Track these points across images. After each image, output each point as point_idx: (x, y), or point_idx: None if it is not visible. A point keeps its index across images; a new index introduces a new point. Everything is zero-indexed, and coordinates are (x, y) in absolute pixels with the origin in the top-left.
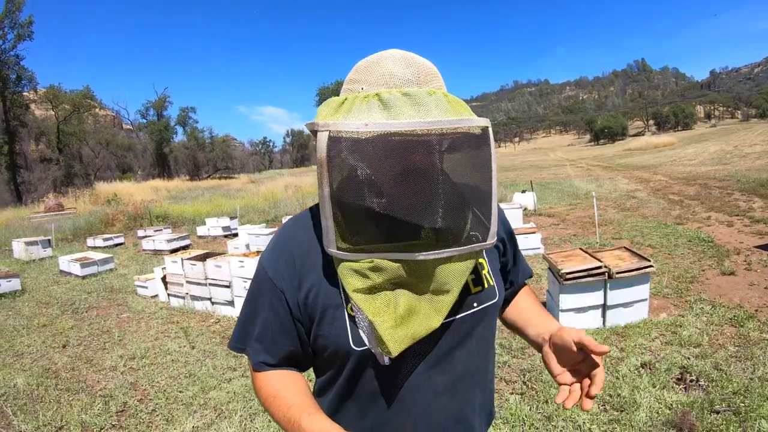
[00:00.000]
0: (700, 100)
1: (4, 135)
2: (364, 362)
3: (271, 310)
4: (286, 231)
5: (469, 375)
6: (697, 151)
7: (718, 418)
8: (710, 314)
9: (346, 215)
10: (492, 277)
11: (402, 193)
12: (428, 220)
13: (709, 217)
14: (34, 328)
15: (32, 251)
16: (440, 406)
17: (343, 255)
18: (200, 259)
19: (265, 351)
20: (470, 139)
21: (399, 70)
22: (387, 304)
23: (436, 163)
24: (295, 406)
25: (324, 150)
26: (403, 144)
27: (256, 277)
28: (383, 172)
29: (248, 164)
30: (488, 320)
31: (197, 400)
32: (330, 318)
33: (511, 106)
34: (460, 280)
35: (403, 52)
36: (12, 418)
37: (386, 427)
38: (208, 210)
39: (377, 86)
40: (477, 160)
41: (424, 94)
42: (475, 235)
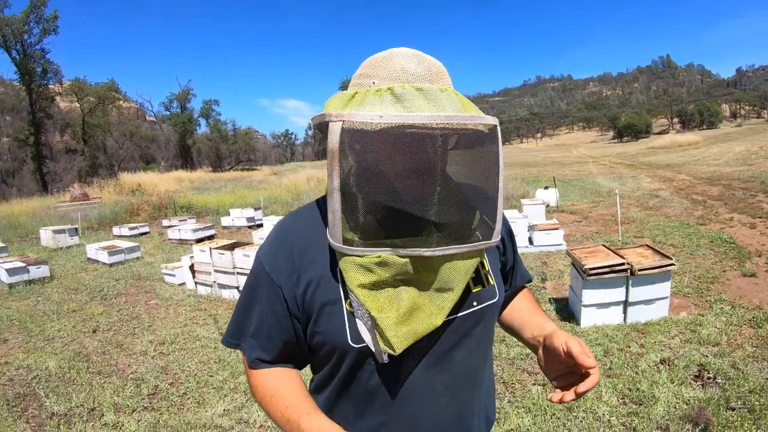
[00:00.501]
0: (726, 99)
1: (30, 127)
2: (362, 360)
3: (267, 306)
4: (286, 225)
5: (468, 375)
6: (721, 151)
7: (734, 415)
8: (729, 315)
9: (355, 209)
10: (492, 276)
11: (411, 187)
12: (436, 215)
13: (732, 219)
14: (63, 314)
15: (59, 239)
16: (439, 406)
17: (350, 249)
18: (229, 249)
19: (261, 347)
20: (480, 136)
21: (411, 66)
22: (390, 301)
23: (446, 160)
24: (293, 406)
25: (336, 141)
26: (416, 138)
27: (253, 271)
28: (394, 166)
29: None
30: (488, 320)
31: (227, 384)
32: (328, 314)
33: (534, 101)
34: (464, 279)
35: (413, 50)
36: (44, 399)
37: (384, 427)
38: (232, 201)
39: (389, 81)
40: (485, 159)
41: (436, 90)
42: (481, 232)
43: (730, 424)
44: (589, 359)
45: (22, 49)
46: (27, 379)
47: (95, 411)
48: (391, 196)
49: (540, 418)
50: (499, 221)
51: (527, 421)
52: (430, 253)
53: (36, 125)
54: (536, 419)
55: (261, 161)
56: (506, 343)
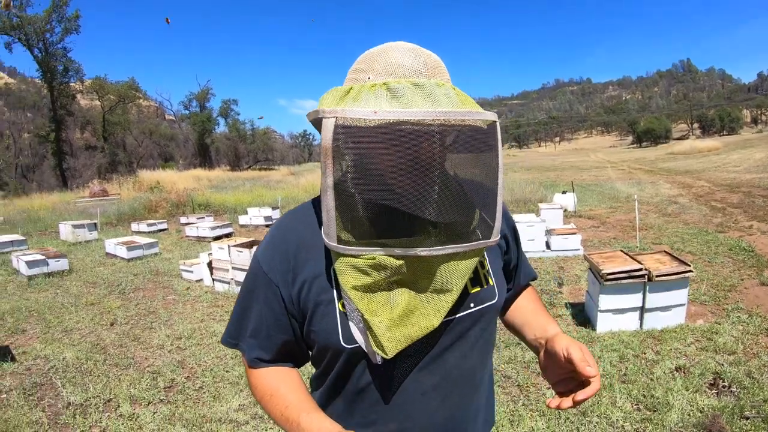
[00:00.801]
0: (747, 104)
1: (51, 123)
2: (354, 360)
3: (265, 305)
4: (283, 224)
5: (462, 378)
6: (742, 158)
7: (748, 423)
8: (746, 323)
9: (350, 207)
10: (492, 276)
11: (407, 185)
12: (433, 213)
13: (752, 226)
14: (82, 306)
15: (78, 234)
16: (430, 408)
17: (344, 249)
18: (247, 247)
19: (260, 346)
20: (479, 133)
21: (407, 61)
22: (385, 303)
23: (443, 156)
24: (293, 405)
25: (330, 138)
26: (411, 134)
27: (250, 271)
28: (389, 163)
29: (288, 156)
30: (486, 322)
31: (243, 380)
32: (321, 314)
33: (552, 105)
34: (462, 280)
35: (410, 44)
36: (61, 389)
37: (373, 426)
38: (249, 200)
39: (384, 76)
40: (484, 156)
41: (433, 86)
42: (480, 231)
43: None
44: (589, 368)
45: (44, 47)
46: (44, 369)
47: (111, 402)
48: (386, 194)
49: (554, 422)
50: (498, 220)
51: (541, 425)
52: (427, 253)
53: (57, 122)
54: (550, 423)
55: (279, 161)
56: (521, 347)
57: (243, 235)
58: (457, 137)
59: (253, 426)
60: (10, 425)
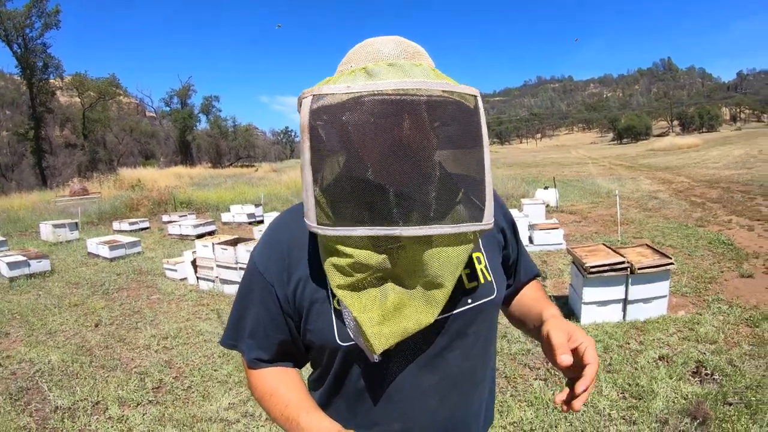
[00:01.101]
0: (726, 102)
1: (30, 121)
2: (351, 358)
3: (262, 305)
4: (278, 224)
5: (463, 376)
6: (721, 154)
7: (731, 409)
8: (727, 314)
9: (327, 185)
10: (490, 272)
11: (383, 159)
12: (411, 189)
13: (730, 221)
14: (65, 308)
15: (59, 233)
16: (430, 408)
17: (322, 230)
18: (231, 244)
19: (258, 347)
20: (459, 108)
21: (387, 49)
22: (373, 300)
23: (420, 131)
24: (293, 404)
25: (306, 115)
26: (385, 106)
27: (247, 272)
28: (364, 138)
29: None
30: (484, 319)
31: (232, 378)
32: (316, 312)
33: (534, 101)
34: (454, 272)
35: (393, 36)
36: (47, 393)
37: (375, 427)
38: (232, 197)
39: (365, 63)
40: (465, 131)
41: (410, 65)
42: (470, 215)
43: (727, 419)
44: (565, 355)
45: (23, 43)
46: (30, 373)
47: (99, 405)
48: (362, 169)
49: (542, 411)
50: (488, 201)
51: (530, 415)
52: (409, 233)
53: (36, 119)
54: (538, 413)
55: (261, 158)
56: (507, 339)
57: (226, 232)
58: (436, 112)
59: (244, 424)
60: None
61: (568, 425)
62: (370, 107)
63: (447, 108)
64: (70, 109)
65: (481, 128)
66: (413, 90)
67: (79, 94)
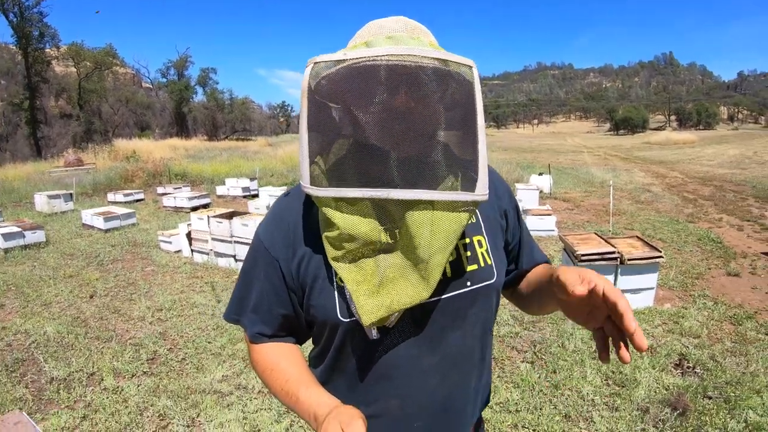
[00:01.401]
0: (725, 101)
1: (25, 91)
2: (352, 334)
3: (266, 280)
4: (283, 202)
5: (461, 357)
6: (716, 152)
7: (710, 403)
8: (711, 310)
9: (320, 147)
10: (490, 256)
11: (374, 123)
12: (401, 152)
13: (721, 219)
14: (60, 279)
15: (54, 204)
16: (429, 387)
17: (315, 190)
18: (227, 217)
19: (261, 321)
20: (450, 76)
21: (389, 25)
22: (368, 273)
23: (411, 96)
24: (293, 379)
25: (306, 80)
26: (376, 71)
27: (252, 248)
28: (356, 102)
29: (266, 127)
30: (484, 301)
31: (226, 350)
32: (319, 288)
33: (533, 87)
34: (446, 243)
35: (398, 16)
36: (43, 364)
37: (375, 405)
38: (227, 170)
39: (368, 38)
40: (457, 101)
41: (407, 37)
42: (460, 184)
43: (706, 412)
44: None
45: (19, 11)
46: (25, 345)
47: (95, 376)
48: (353, 132)
49: (528, 393)
50: (482, 173)
51: (516, 396)
52: (399, 196)
53: (31, 89)
54: (524, 394)
55: (256, 132)
56: (496, 322)
57: (221, 205)
58: (427, 79)
59: (237, 396)
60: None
61: (553, 408)
62: (362, 72)
63: (439, 76)
64: (66, 79)
65: (475, 99)
66: (405, 56)
67: (75, 64)
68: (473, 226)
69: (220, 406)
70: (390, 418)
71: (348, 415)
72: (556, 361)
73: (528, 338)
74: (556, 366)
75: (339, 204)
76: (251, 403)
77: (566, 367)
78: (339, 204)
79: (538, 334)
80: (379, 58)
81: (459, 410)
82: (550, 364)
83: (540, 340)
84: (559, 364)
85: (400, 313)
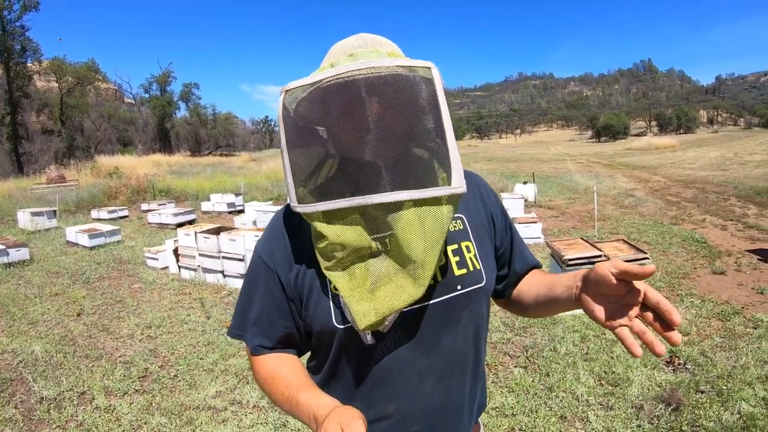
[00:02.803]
0: (704, 105)
1: (7, 106)
2: (348, 341)
3: (267, 293)
4: (279, 217)
5: (456, 360)
6: (697, 155)
7: (703, 397)
8: (699, 308)
9: (303, 167)
10: (479, 260)
11: (343, 136)
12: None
13: (704, 220)
14: (46, 297)
15: (38, 222)
16: (425, 390)
17: (303, 208)
18: (214, 233)
19: (262, 334)
20: (411, 80)
21: (351, 42)
22: (359, 279)
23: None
24: (293, 384)
25: (280, 107)
26: (339, 87)
27: (251, 264)
28: (325, 118)
29: (249, 142)
30: (474, 305)
31: (218, 366)
32: (315, 298)
33: (515, 97)
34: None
35: (359, 34)
36: (32, 384)
37: (373, 409)
38: (211, 186)
39: (333, 59)
40: (421, 101)
41: (367, 53)
42: (437, 179)
43: (700, 405)
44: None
45: (1, 25)
46: (13, 364)
47: (85, 395)
48: (331, 146)
49: (523, 397)
50: (455, 166)
51: (511, 400)
52: (379, 200)
53: (13, 104)
54: (519, 398)
55: (240, 147)
56: (489, 327)
57: (206, 221)
58: (388, 86)
59: (232, 411)
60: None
61: (548, 410)
62: (328, 91)
63: (399, 81)
64: (48, 94)
65: (438, 97)
66: (364, 69)
67: (57, 79)
68: (461, 233)
69: (215, 422)
70: (388, 422)
71: (348, 415)
72: (549, 365)
73: (520, 343)
74: (549, 369)
75: (326, 217)
76: (246, 417)
77: (559, 369)
78: (326, 217)
79: (530, 339)
80: (340, 75)
81: (456, 412)
82: (543, 368)
83: (532, 345)
84: (552, 367)
85: (393, 318)
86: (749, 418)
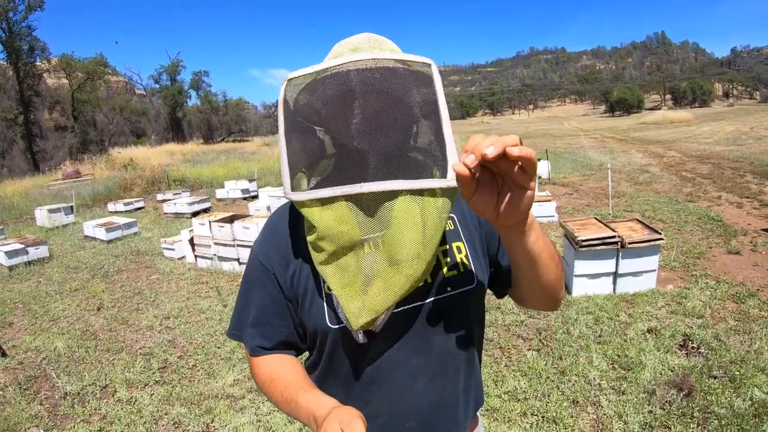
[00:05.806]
0: (719, 78)
1: (19, 106)
2: (341, 340)
3: (265, 293)
4: (276, 215)
5: (448, 359)
6: (712, 130)
7: (716, 382)
8: (714, 289)
9: (300, 155)
10: (470, 261)
11: (344, 125)
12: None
13: (720, 197)
14: (66, 293)
15: (55, 218)
16: (418, 388)
17: (295, 195)
18: (228, 221)
19: (261, 335)
20: (409, 74)
21: (354, 40)
22: (350, 274)
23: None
24: (292, 385)
25: (282, 95)
26: (339, 78)
27: (249, 265)
28: (324, 107)
29: (262, 127)
30: (465, 306)
31: (236, 355)
32: (310, 297)
33: (526, 72)
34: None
35: (364, 33)
36: (56, 380)
37: (367, 408)
38: (225, 173)
39: (336, 54)
40: (420, 95)
41: (368, 47)
42: (432, 172)
43: (712, 391)
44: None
45: (7, 27)
46: (37, 361)
47: (108, 388)
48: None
49: (535, 380)
50: (451, 162)
51: (523, 384)
52: (368, 188)
53: (24, 104)
54: (532, 382)
55: (252, 132)
56: (501, 311)
57: (221, 209)
58: (387, 79)
59: (249, 399)
60: (10, 422)
61: (560, 394)
62: (329, 80)
63: (398, 74)
64: (59, 91)
65: (436, 92)
66: (366, 60)
67: (66, 76)
68: (452, 233)
69: (234, 410)
70: (383, 420)
71: (347, 415)
72: (562, 348)
73: (533, 326)
74: (562, 352)
75: (318, 205)
76: (264, 405)
77: (572, 353)
78: (318, 205)
79: (543, 321)
80: (342, 65)
81: (450, 409)
82: (556, 351)
83: (545, 327)
84: (565, 350)
85: (385, 318)
86: (761, 405)
